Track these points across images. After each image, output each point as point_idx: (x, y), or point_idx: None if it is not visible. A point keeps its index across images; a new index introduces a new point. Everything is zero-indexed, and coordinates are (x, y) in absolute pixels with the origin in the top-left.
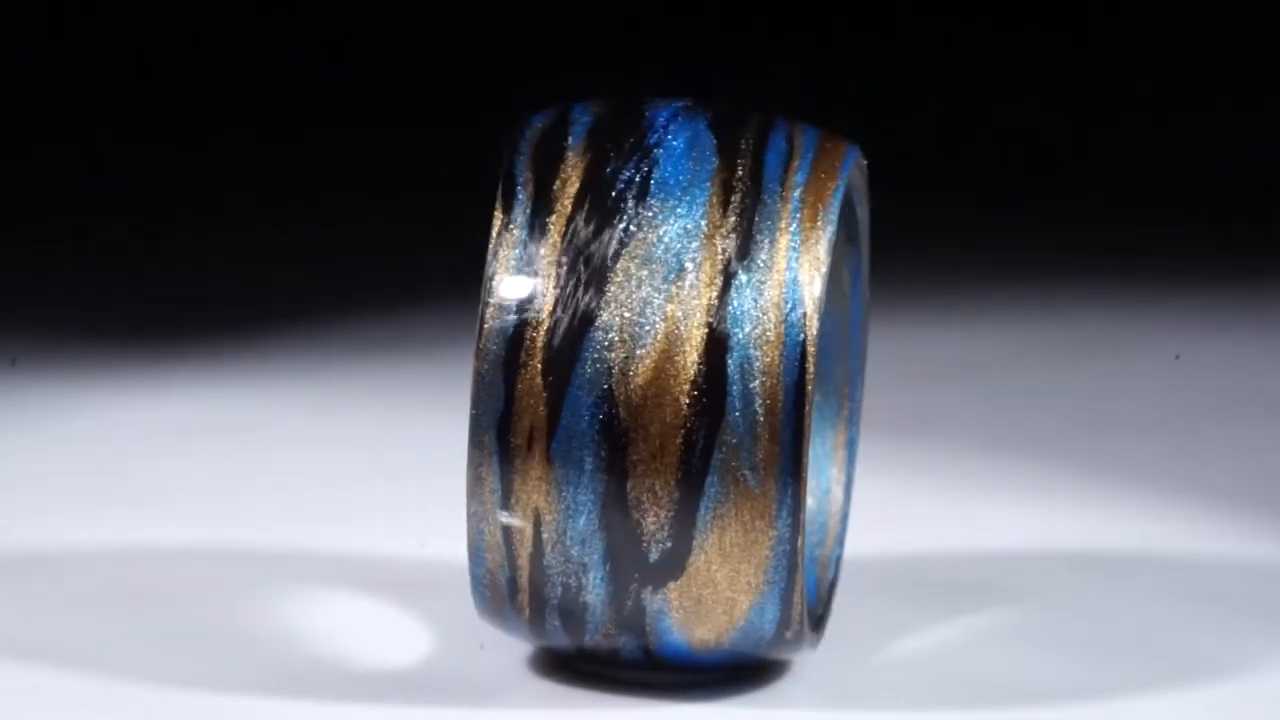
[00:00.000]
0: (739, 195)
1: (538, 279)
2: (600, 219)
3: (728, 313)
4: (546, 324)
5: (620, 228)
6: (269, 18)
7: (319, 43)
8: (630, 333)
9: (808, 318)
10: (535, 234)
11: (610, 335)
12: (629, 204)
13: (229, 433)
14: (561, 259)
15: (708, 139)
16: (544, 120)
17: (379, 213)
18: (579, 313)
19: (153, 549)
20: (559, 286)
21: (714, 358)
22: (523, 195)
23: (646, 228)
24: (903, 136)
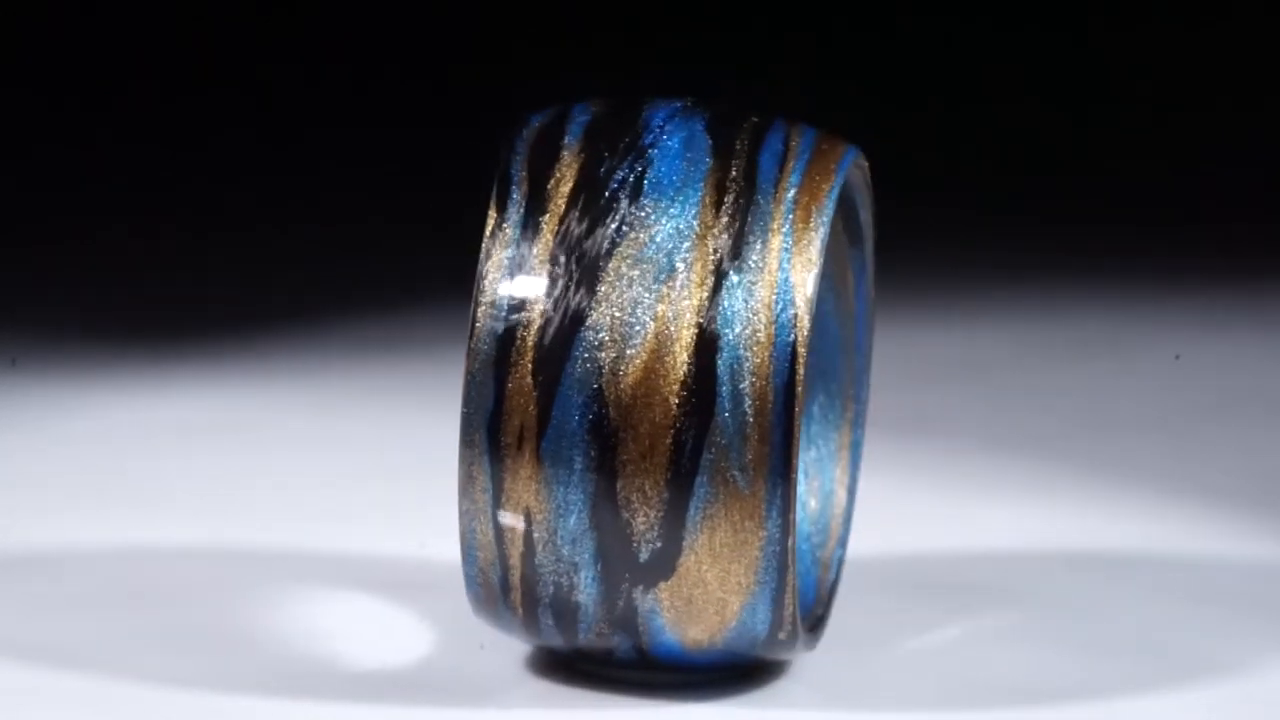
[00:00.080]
0: (732, 196)
1: (529, 278)
2: (593, 218)
3: (718, 313)
4: (537, 323)
5: (613, 227)
6: (269, 18)
7: (319, 43)
8: (620, 332)
9: (799, 319)
10: (528, 233)
11: (600, 335)
12: (622, 204)
13: (229, 433)
14: (554, 258)
15: (703, 140)
16: (543, 120)
17: (379, 213)
18: (570, 312)
19: (153, 549)
20: (550, 286)
21: (704, 358)
22: (517, 194)
23: (639, 227)
24: (903, 136)
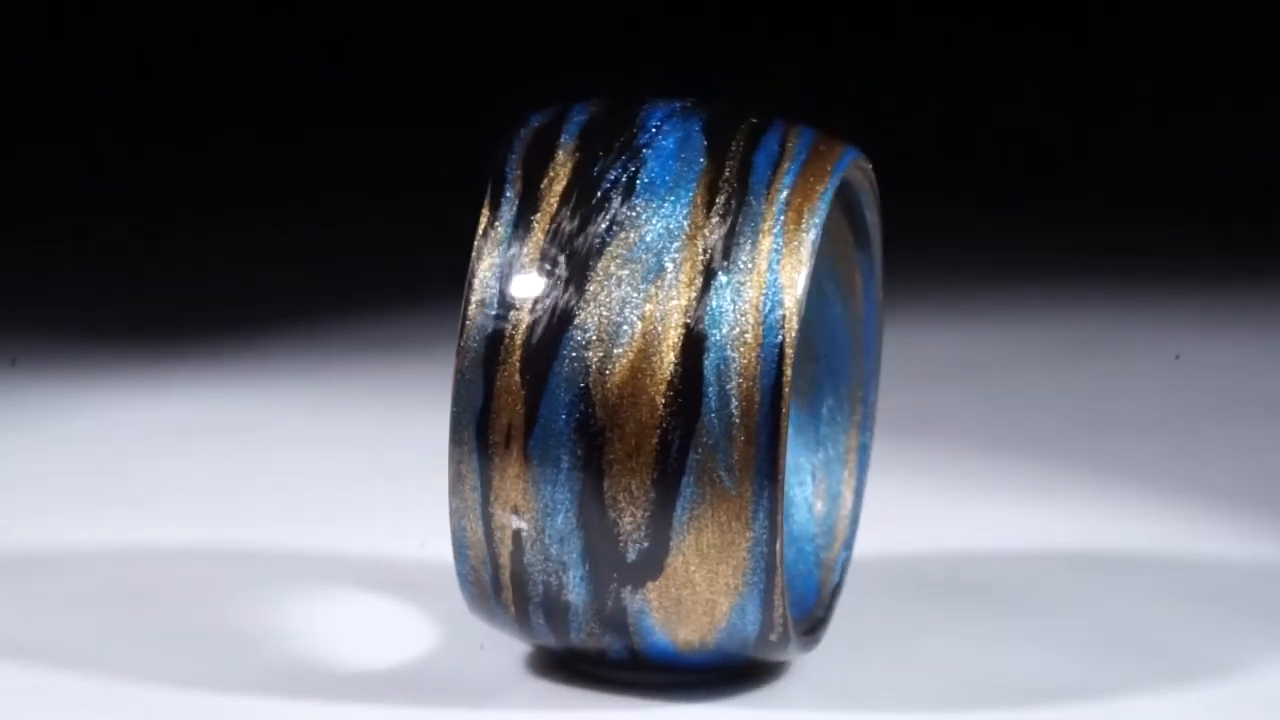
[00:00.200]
0: (724, 197)
1: (519, 277)
2: (584, 217)
3: (706, 313)
4: (526, 322)
5: (603, 227)
6: (269, 18)
7: (319, 43)
8: (608, 332)
9: (787, 319)
10: (519, 232)
11: (588, 334)
12: (613, 203)
13: (229, 433)
14: (544, 257)
15: (699, 140)
16: (541, 119)
17: (379, 213)
18: (558, 311)
19: (153, 549)
20: (540, 285)
21: (690, 358)
22: (510, 193)
23: (629, 227)
24: (903, 136)
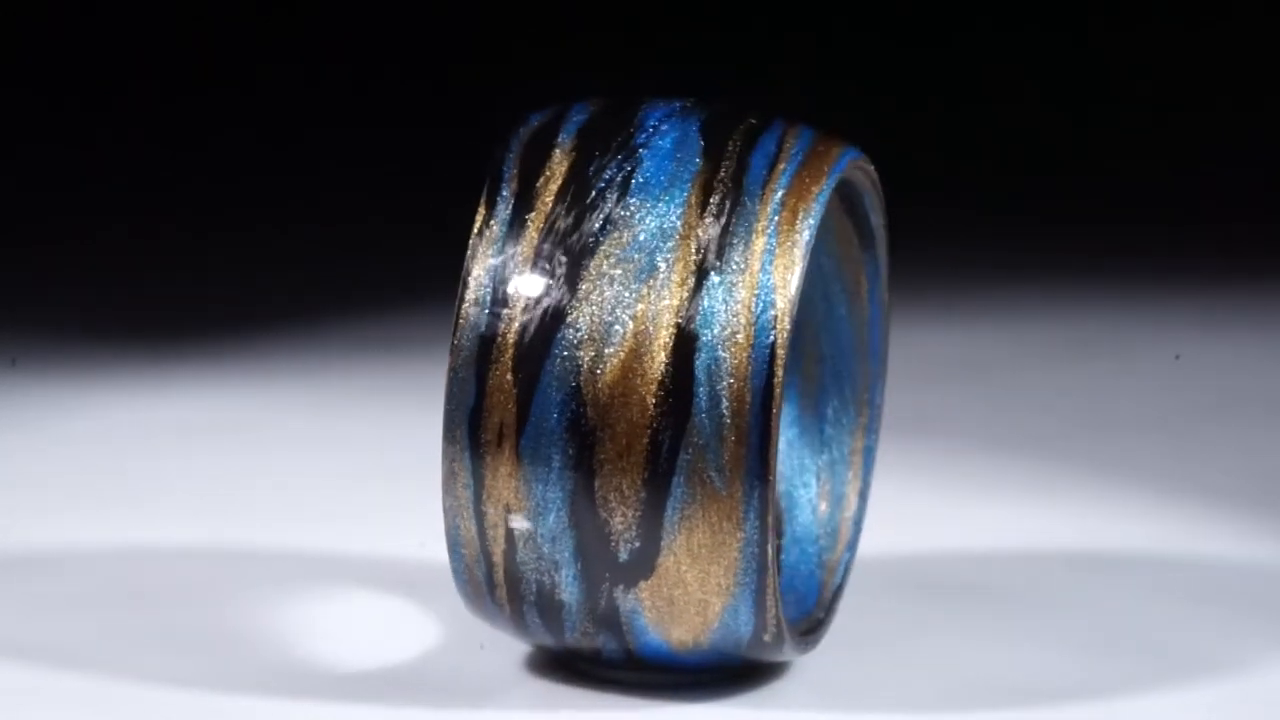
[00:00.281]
0: (719, 197)
1: (513, 276)
2: (578, 216)
3: (697, 313)
4: (519, 321)
5: (597, 226)
6: (269, 18)
7: (319, 43)
8: (600, 331)
9: (779, 320)
10: (514, 231)
11: (580, 333)
12: (608, 202)
13: (229, 433)
14: (537, 256)
15: (696, 140)
16: (540, 119)
17: (379, 213)
18: (550, 310)
19: (153, 549)
20: (533, 284)
21: (681, 358)
22: (506, 192)
23: (623, 226)
24: (903, 136)
